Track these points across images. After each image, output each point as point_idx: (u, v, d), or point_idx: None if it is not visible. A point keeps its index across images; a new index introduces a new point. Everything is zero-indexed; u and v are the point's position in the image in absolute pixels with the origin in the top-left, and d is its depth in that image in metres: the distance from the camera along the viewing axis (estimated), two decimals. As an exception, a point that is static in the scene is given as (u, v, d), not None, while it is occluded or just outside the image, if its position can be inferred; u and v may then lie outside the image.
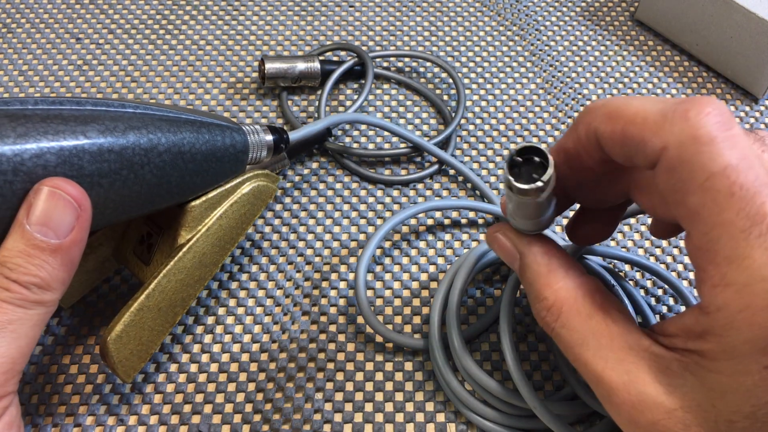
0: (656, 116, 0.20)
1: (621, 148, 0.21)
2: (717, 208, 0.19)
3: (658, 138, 0.20)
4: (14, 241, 0.23)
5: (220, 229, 0.31)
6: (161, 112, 0.28)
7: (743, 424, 0.19)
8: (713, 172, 0.19)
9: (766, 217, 0.18)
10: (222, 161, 0.30)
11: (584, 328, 0.23)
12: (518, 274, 0.26)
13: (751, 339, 0.18)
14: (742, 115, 0.43)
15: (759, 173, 0.19)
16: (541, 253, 0.25)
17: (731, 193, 0.19)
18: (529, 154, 0.22)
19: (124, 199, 0.26)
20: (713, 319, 0.19)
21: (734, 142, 0.19)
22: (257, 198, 0.32)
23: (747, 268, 0.18)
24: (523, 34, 0.47)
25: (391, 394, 0.31)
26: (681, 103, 0.20)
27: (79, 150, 0.24)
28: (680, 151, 0.19)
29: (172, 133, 0.27)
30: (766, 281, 0.18)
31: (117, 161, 0.25)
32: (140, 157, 0.26)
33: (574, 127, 0.23)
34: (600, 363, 0.22)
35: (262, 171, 0.33)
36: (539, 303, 0.25)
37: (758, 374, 0.19)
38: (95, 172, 0.25)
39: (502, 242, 0.27)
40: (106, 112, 0.26)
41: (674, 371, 0.21)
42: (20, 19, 0.46)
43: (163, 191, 0.28)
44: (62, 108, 0.25)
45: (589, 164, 0.23)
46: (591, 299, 0.24)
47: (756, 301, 0.18)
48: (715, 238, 0.19)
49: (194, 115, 0.29)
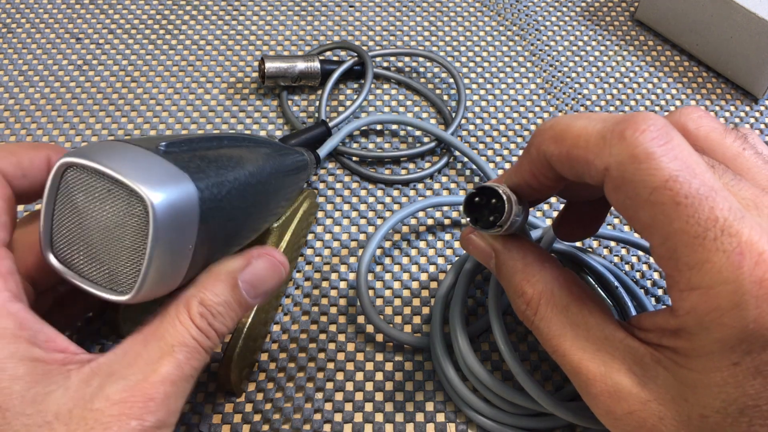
0: (596, 138, 0.21)
1: (569, 169, 0.22)
2: (666, 219, 0.19)
3: (599, 160, 0.21)
4: (223, 289, 0.24)
5: (291, 245, 0.32)
6: (250, 139, 0.29)
7: (715, 419, 0.20)
8: (655, 186, 0.19)
9: (717, 220, 0.19)
10: (297, 181, 0.32)
11: (562, 319, 0.24)
12: (495, 272, 0.27)
13: (721, 338, 0.19)
14: (742, 115, 0.43)
15: (704, 179, 0.19)
16: (516, 248, 0.26)
17: (677, 203, 0.19)
18: (486, 193, 0.24)
19: (249, 229, 0.28)
20: (684, 321, 0.20)
21: (673, 153, 0.19)
22: (310, 213, 0.35)
23: (708, 271, 0.19)
24: (523, 34, 0.47)
25: (391, 394, 0.31)
26: (618, 122, 0.20)
27: (243, 184, 0.25)
28: (621, 171, 0.20)
29: (273, 159, 0.29)
30: (728, 283, 0.19)
31: (255, 193, 0.27)
32: (264, 186, 0.27)
33: (527, 149, 0.24)
34: (577, 354, 0.23)
35: (307, 188, 0.35)
36: (518, 298, 0.25)
37: (727, 370, 0.19)
38: (240, 205, 0.26)
39: (476, 243, 0.27)
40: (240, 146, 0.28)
41: (648, 364, 0.21)
42: (20, 19, 0.46)
43: (270, 214, 0.30)
44: (221, 145, 0.26)
45: (546, 183, 0.24)
46: (568, 291, 0.24)
47: (722, 303, 0.19)
48: (673, 247, 0.20)
49: (258, 137, 0.32)
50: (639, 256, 0.36)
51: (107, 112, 0.41)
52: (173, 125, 0.41)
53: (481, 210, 0.24)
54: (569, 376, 0.23)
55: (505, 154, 0.40)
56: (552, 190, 0.25)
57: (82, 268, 0.22)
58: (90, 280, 0.22)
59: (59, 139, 0.40)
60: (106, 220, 0.21)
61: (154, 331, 0.23)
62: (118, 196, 0.21)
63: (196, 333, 0.23)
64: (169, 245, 0.21)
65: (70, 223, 0.22)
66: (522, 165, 0.24)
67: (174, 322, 0.23)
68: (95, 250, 0.22)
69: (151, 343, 0.22)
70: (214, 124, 0.41)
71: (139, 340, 0.23)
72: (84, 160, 0.21)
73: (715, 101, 0.43)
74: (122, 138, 0.40)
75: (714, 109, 0.43)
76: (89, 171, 0.21)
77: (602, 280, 0.33)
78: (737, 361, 0.19)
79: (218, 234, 0.24)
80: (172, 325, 0.23)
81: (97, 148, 0.22)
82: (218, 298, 0.24)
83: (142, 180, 0.21)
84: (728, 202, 0.19)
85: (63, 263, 0.23)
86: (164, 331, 0.23)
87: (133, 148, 0.22)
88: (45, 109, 0.41)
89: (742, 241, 0.19)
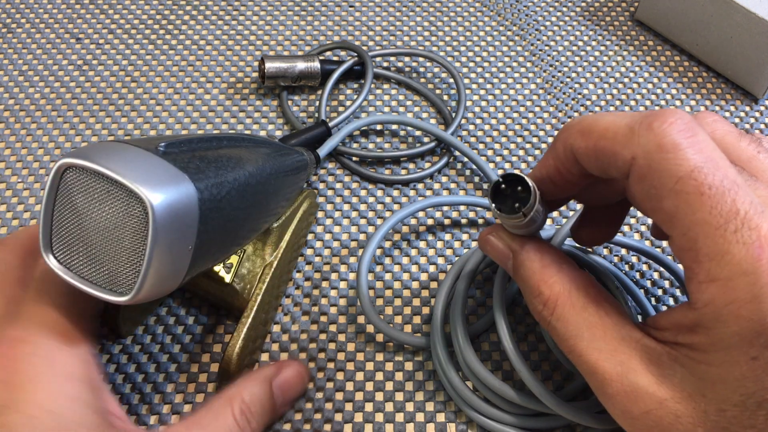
0: (624, 130, 0.21)
1: (595, 162, 0.23)
2: (690, 209, 0.20)
3: (627, 150, 0.21)
4: (260, 391, 0.27)
5: (290, 245, 0.32)
6: (250, 139, 0.29)
7: (732, 412, 0.20)
8: (680, 176, 0.20)
9: (738, 212, 0.19)
10: (297, 181, 0.32)
11: (578, 320, 0.24)
12: (512, 273, 0.27)
13: (739, 331, 0.19)
14: (742, 115, 0.43)
15: (727, 173, 0.20)
16: (534, 250, 0.26)
17: (701, 192, 0.20)
18: (512, 180, 0.24)
19: (249, 229, 0.28)
20: (702, 314, 0.20)
21: (699, 147, 0.20)
22: (310, 213, 0.35)
23: (728, 263, 0.19)
24: (523, 34, 0.47)
25: (391, 394, 0.31)
26: (647, 116, 0.21)
27: (242, 184, 0.26)
28: (648, 160, 0.21)
29: (273, 159, 0.29)
30: (747, 275, 0.19)
31: (255, 194, 0.27)
32: (263, 186, 0.28)
33: (553, 145, 0.25)
34: (594, 354, 0.23)
35: (307, 188, 0.35)
36: (535, 298, 0.25)
37: (746, 365, 0.19)
38: (239, 205, 0.26)
39: (494, 243, 0.27)
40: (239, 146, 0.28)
41: (665, 363, 0.22)
42: (20, 19, 0.46)
43: (270, 214, 0.30)
44: (221, 145, 0.26)
45: (570, 179, 0.25)
46: (585, 292, 0.24)
47: (740, 295, 0.19)
48: (694, 238, 0.20)
49: (258, 137, 0.31)
50: (639, 256, 0.36)
51: (107, 112, 0.41)
52: (173, 125, 0.41)
53: (505, 199, 0.24)
54: (585, 376, 0.24)
55: (505, 154, 0.40)
56: (575, 187, 0.25)
57: (81, 269, 0.22)
58: (89, 281, 0.22)
59: (59, 139, 0.40)
60: (106, 221, 0.21)
61: (198, 421, 0.25)
62: (117, 197, 0.21)
63: (235, 429, 0.25)
64: (169, 246, 0.21)
65: (70, 224, 0.22)
66: (547, 160, 0.25)
67: (217, 416, 0.25)
68: (95, 251, 0.22)
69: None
70: (214, 124, 0.41)
71: (183, 428, 0.25)
72: (83, 161, 0.21)
73: (715, 101, 0.43)
74: (122, 138, 0.40)
75: (714, 109, 0.43)
76: (88, 172, 0.21)
77: (602, 280, 0.33)
78: (756, 356, 0.19)
79: (218, 234, 0.24)
80: (215, 418, 0.25)
81: (97, 149, 0.22)
82: (256, 398, 0.26)
83: (142, 181, 0.21)
84: (749, 196, 0.20)
85: (62, 264, 0.23)
86: (207, 423, 0.25)
87: (133, 148, 0.22)
88: (45, 109, 0.41)
89: (762, 235, 0.19)
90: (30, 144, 0.40)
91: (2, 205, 0.37)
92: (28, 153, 0.39)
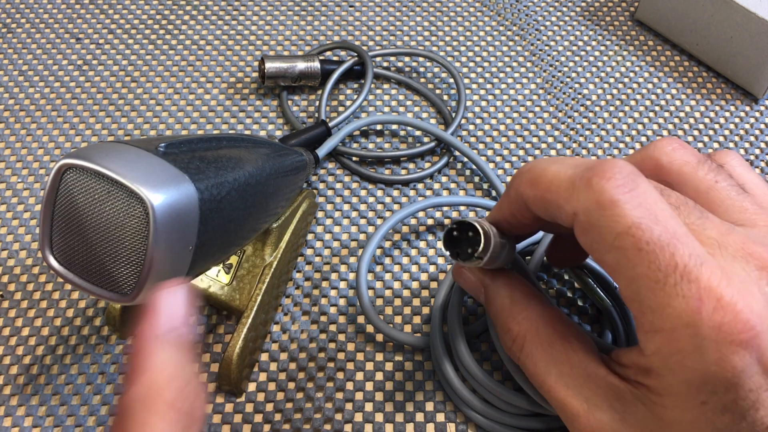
0: (566, 184, 0.22)
1: (544, 211, 0.23)
2: (629, 263, 0.20)
3: (569, 205, 0.22)
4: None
5: (290, 245, 0.33)
6: (250, 140, 0.29)
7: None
8: (619, 232, 0.20)
9: (677, 266, 0.19)
10: (297, 181, 0.32)
11: (546, 357, 0.24)
12: (485, 306, 0.28)
13: (686, 379, 0.20)
14: (742, 115, 0.43)
15: (666, 226, 0.20)
16: (504, 285, 0.27)
17: (639, 248, 0.20)
18: (465, 226, 0.25)
19: (248, 229, 0.28)
20: (651, 361, 0.21)
21: (638, 201, 0.20)
22: (309, 213, 0.35)
23: (669, 315, 0.20)
24: (523, 34, 0.47)
25: (391, 394, 0.31)
26: (587, 169, 0.21)
27: (243, 184, 0.26)
28: (587, 217, 0.21)
29: (273, 159, 0.29)
30: (688, 327, 0.19)
31: (255, 194, 0.27)
32: (263, 186, 0.28)
33: (507, 190, 0.25)
34: (562, 390, 0.24)
35: (307, 188, 0.35)
36: (505, 335, 0.26)
37: (697, 408, 0.20)
38: (239, 205, 0.26)
39: (467, 277, 0.28)
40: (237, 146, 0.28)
41: (629, 400, 0.22)
42: (20, 19, 0.46)
43: (270, 214, 0.30)
44: (221, 146, 0.26)
45: (525, 222, 0.25)
46: (552, 329, 0.25)
47: (683, 346, 0.20)
48: (636, 290, 0.20)
49: (258, 138, 0.31)
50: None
51: (107, 112, 0.41)
52: (173, 125, 0.41)
53: (461, 244, 0.25)
54: (557, 410, 0.24)
55: (505, 154, 0.40)
56: (531, 228, 0.26)
57: (81, 269, 0.22)
58: (90, 282, 0.22)
59: (59, 139, 0.40)
60: (106, 222, 0.22)
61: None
62: (117, 197, 0.21)
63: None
64: (169, 246, 0.22)
65: (70, 224, 0.22)
66: (502, 204, 0.26)
67: None
68: (95, 251, 0.22)
69: None
70: (214, 124, 0.41)
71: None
72: (83, 162, 0.21)
73: (715, 101, 0.43)
74: (122, 139, 0.40)
75: (714, 109, 0.43)
76: (89, 173, 0.21)
77: (602, 280, 0.33)
78: (705, 401, 0.20)
79: (218, 235, 0.24)
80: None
81: (97, 150, 0.22)
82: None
83: (142, 181, 0.21)
84: (689, 248, 0.20)
85: (63, 264, 0.23)
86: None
87: (133, 149, 0.22)
88: (45, 109, 0.41)
89: (701, 287, 0.19)
90: (30, 144, 0.40)
91: (2, 205, 0.37)
92: (28, 153, 0.39)
